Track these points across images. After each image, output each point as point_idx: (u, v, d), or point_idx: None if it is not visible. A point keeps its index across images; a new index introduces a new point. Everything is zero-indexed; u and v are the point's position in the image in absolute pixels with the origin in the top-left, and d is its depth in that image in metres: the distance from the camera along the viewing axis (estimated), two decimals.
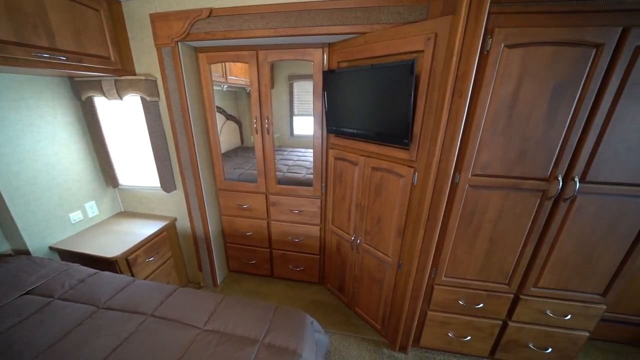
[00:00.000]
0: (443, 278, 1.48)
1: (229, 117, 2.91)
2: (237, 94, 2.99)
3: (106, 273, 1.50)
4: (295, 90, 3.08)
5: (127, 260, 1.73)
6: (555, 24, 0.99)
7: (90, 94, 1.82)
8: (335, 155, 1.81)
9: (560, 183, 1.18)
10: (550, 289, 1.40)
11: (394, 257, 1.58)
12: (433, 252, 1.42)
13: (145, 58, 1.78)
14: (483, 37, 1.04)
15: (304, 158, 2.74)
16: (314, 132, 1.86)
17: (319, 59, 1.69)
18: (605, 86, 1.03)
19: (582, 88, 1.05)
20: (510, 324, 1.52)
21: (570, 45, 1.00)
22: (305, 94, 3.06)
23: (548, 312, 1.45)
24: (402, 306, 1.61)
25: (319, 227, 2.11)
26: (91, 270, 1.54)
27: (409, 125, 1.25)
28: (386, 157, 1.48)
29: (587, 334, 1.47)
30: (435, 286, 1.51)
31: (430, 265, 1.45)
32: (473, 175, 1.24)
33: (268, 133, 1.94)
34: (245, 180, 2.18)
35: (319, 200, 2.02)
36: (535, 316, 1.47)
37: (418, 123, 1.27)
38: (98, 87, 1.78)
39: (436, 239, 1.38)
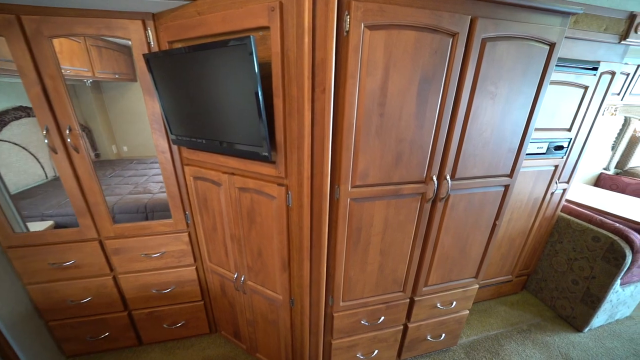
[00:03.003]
0: (341, 304, 1.27)
1: None
2: (77, 88, 2.00)
3: None
4: None
5: None
6: (413, 3, 0.83)
7: None
8: (193, 174, 1.32)
9: (436, 183, 1.11)
10: (438, 285, 1.41)
11: (284, 294, 1.27)
12: (325, 280, 1.18)
13: None
14: (338, 11, 0.79)
15: None
16: (157, 145, 1.30)
17: (139, 37, 1.13)
18: (463, 81, 0.97)
19: (444, 83, 0.96)
20: (410, 325, 1.48)
21: (430, 31, 0.87)
22: None
23: (438, 305, 1.47)
24: (303, 344, 1.34)
25: (194, 268, 1.58)
26: None
27: (266, 131, 0.91)
28: (252, 174, 1.12)
29: (468, 311, 1.59)
30: (334, 314, 1.29)
31: (324, 295, 1.21)
32: (353, 187, 1.03)
33: (78, 151, 1.25)
34: None
35: (186, 234, 1.49)
36: (429, 312, 1.48)
37: (280, 128, 0.95)
38: None
39: (325, 266, 1.14)
